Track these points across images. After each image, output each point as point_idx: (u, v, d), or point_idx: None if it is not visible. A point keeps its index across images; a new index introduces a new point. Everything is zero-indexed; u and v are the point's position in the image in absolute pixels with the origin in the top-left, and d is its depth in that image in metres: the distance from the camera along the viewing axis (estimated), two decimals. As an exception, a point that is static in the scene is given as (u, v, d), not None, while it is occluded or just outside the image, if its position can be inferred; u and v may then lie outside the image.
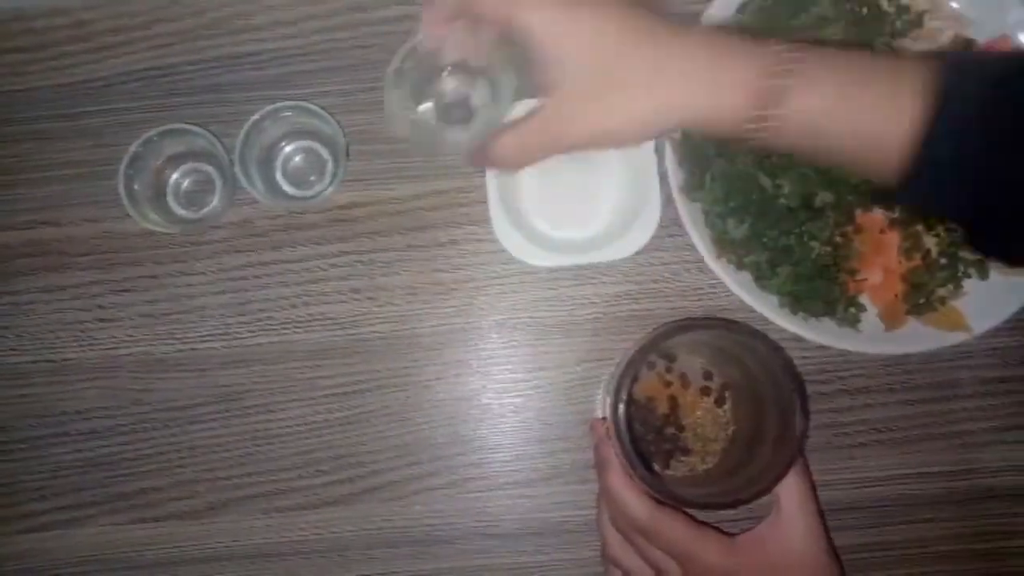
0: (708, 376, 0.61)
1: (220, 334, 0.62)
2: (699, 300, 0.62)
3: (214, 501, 0.62)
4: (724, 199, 0.58)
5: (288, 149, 0.62)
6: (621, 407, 0.52)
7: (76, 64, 0.64)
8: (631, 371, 0.52)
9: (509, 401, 0.62)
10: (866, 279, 0.60)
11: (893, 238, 0.60)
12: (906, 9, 0.61)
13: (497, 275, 0.62)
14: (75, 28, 0.64)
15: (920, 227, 0.60)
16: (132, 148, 0.57)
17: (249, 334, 0.62)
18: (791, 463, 0.51)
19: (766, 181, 0.58)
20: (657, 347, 0.53)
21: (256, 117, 0.57)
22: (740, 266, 0.59)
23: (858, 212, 0.60)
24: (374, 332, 0.62)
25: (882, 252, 0.60)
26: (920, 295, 0.60)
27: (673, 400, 0.60)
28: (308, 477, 0.62)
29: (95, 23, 0.64)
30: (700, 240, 0.58)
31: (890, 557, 0.61)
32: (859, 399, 0.62)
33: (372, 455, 0.62)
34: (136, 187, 0.58)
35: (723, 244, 0.59)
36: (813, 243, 0.58)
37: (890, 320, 0.60)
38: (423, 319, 0.62)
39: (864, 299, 0.60)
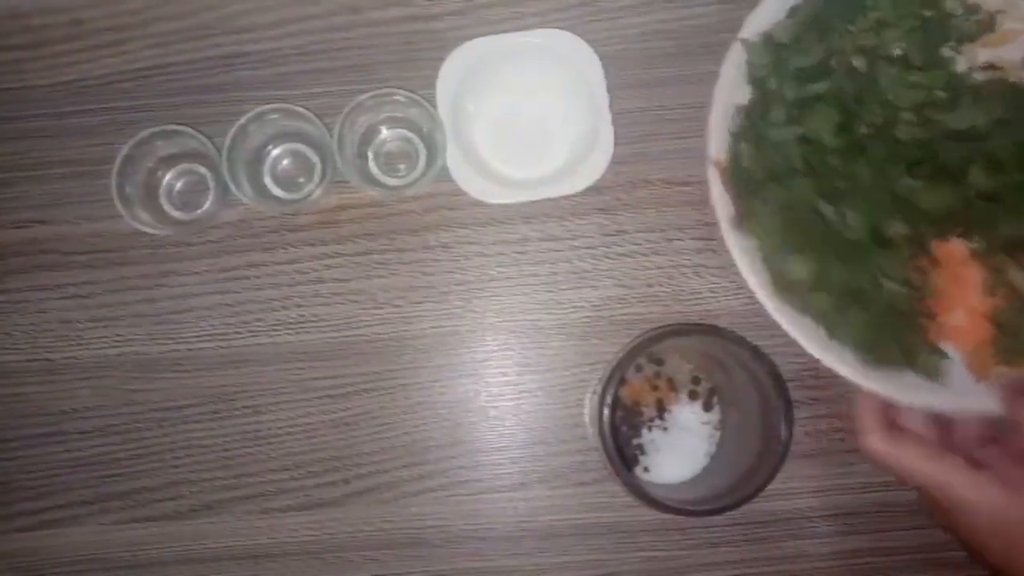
0: (696, 381, 0.60)
1: (213, 335, 0.62)
2: (695, 304, 0.61)
3: (207, 501, 0.62)
4: (780, 232, 0.52)
5: (276, 152, 0.62)
6: (606, 411, 0.52)
7: (72, 63, 0.63)
8: (618, 374, 0.52)
9: (502, 404, 0.62)
10: (947, 322, 0.53)
11: (974, 273, 0.53)
12: (976, 9, 0.55)
13: (490, 278, 0.62)
14: (71, 27, 0.64)
15: (1005, 259, 0.52)
16: (124, 149, 0.57)
17: (242, 335, 0.62)
18: (776, 470, 0.51)
19: (828, 209, 0.52)
20: (645, 351, 0.53)
21: (242, 121, 0.57)
22: (802, 311, 0.52)
23: (934, 243, 0.52)
24: (367, 334, 0.62)
25: (962, 289, 0.53)
26: (1010, 339, 0.52)
27: (660, 403, 0.60)
28: (301, 478, 0.62)
29: (91, 22, 0.64)
30: (757, 283, 0.52)
31: (894, 563, 0.61)
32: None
33: (365, 457, 0.62)
34: (128, 188, 0.58)
35: (781, 285, 0.52)
36: (886, 281, 0.51)
37: (978, 369, 0.52)
38: (416, 322, 0.62)
39: (946, 345, 0.53)
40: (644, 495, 0.51)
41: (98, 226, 0.62)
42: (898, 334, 0.52)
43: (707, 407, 0.60)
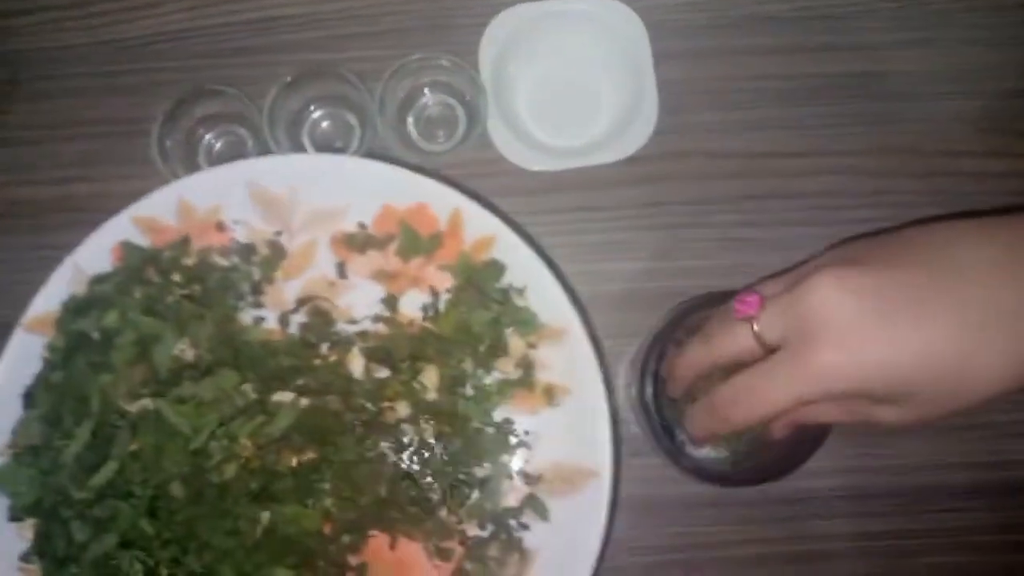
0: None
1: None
2: (734, 278, 0.60)
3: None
4: None
5: (316, 115, 0.62)
6: (649, 380, 0.51)
7: (112, 23, 0.63)
8: (660, 342, 0.51)
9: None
10: None
11: (412, 546, 0.50)
12: (250, 250, 0.52)
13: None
14: (111, -14, 0.63)
15: (439, 503, 0.50)
16: (166, 107, 0.57)
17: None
18: (820, 442, 0.50)
19: None
20: (683, 322, 0.52)
21: (285, 81, 0.57)
22: None
23: (348, 557, 0.49)
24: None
25: (408, 573, 0.50)
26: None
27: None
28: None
29: (131, -19, 0.64)
30: None
31: (921, 545, 0.59)
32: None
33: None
34: (168, 147, 0.58)
35: None
36: None
37: None
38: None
39: None
40: (688, 465, 0.51)
41: (136, 185, 0.60)
42: None
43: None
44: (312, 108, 0.61)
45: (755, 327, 0.42)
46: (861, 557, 0.59)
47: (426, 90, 0.61)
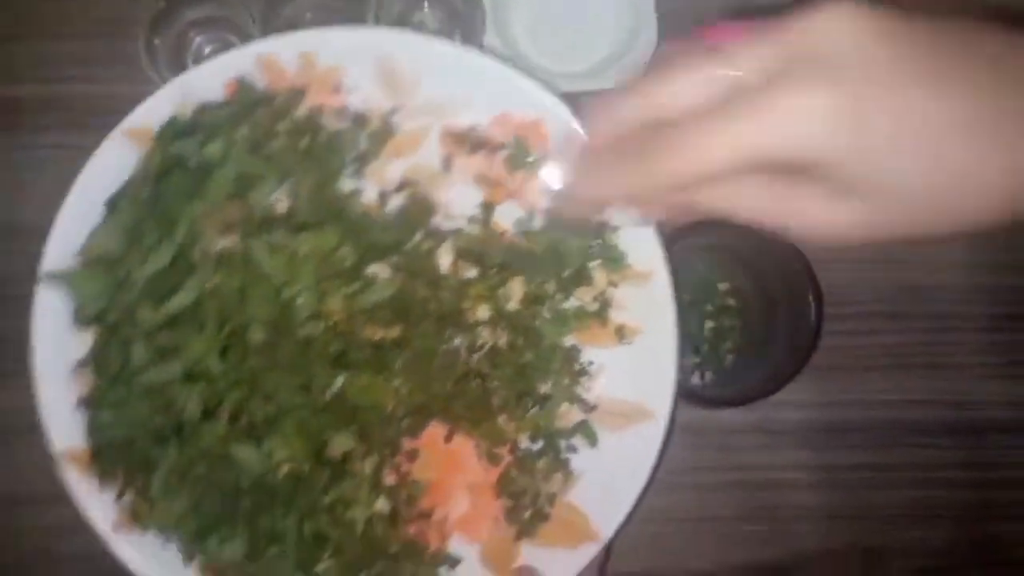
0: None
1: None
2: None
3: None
4: (193, 512, 0.45)
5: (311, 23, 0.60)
6: None
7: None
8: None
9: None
10: (450, 515, 0.50)
11: (465, 444, 0.50)
12: (364, 120, 0.51)
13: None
14: None
15: (500, 409, 0.50)
16: (158, 6, 0.56)
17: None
18: (804, 363, 0.51)
19: (246, 453, 0.45)
20: (675, 244, 0.52)
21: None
22: None
23: (404, 439, 0.49)
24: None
25: (457, 468, 0.50)
26: (524, 508, 0.50)
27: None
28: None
29: None
30: None
31: (890, 479, 0.61)
32: (871, 323, 0.62)
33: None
34: (157, 45, 0.57)
35: (220, 571, 0.47)
36: (353, 512, 0.47)
37: (497, 560, 0.50)
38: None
39: (456, 543, 0.50)
40: (684, 393, 0.52)
41: (126, 88, 0.58)
42: (390, 568, 0.48)
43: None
44: (308, 16, 0.60)
45: (731, 69, 0.30)
46: (831, 488, 0.61)
47: (425, 5, 0.61)
